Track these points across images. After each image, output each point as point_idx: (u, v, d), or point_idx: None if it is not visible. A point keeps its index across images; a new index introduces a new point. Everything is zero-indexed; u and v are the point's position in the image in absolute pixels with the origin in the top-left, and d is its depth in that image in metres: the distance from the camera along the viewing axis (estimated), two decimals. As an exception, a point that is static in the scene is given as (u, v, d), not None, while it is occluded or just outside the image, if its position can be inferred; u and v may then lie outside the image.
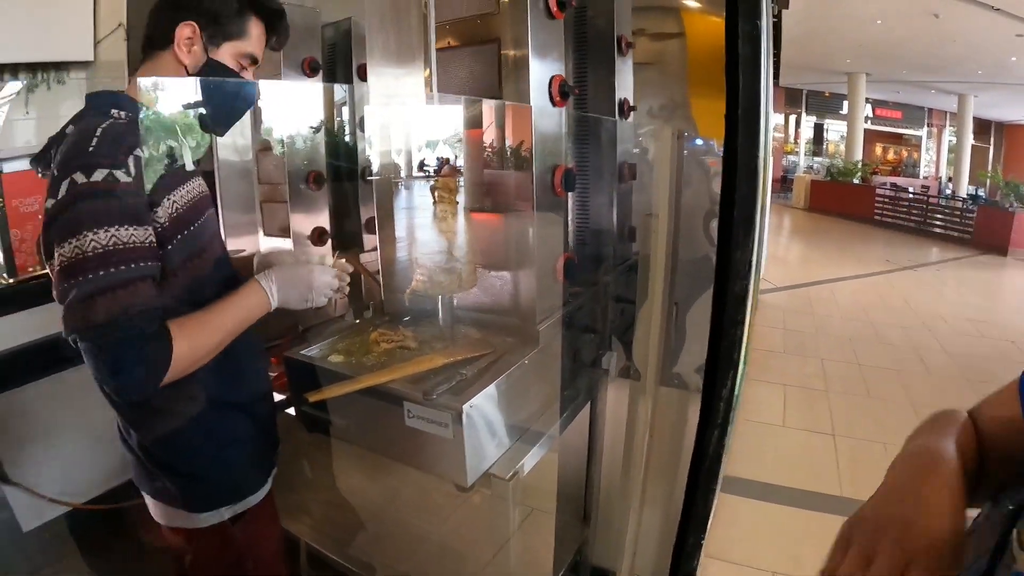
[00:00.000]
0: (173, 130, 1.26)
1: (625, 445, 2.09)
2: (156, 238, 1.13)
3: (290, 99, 2.47)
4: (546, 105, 1.59)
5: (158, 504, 1.38)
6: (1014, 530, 0.72)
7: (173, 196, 1.20)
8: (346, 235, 2.53)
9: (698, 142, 2.02)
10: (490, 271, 1.69)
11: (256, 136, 2.37)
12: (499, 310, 1.70)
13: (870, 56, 14.96)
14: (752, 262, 1.46)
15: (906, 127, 21.87)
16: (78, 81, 4.14)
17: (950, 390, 4.69)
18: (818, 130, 22.80)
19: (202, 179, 1.34)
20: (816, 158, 22.34)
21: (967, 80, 15.86)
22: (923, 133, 21.88)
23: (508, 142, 1.61)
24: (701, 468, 1.62)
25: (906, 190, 14.91)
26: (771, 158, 1.45)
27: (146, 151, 1.14)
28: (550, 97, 1.60)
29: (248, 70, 1.33)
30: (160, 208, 1.15)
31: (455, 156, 1.72)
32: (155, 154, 1.17)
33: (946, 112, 20.38)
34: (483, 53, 1.65)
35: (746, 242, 1.45)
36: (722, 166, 1.43)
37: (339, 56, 2.59)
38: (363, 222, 2.52)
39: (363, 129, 2.42)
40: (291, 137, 2.34)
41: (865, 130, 18.32)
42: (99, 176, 1.04)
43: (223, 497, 1.39)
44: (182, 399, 1.27)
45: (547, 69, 1.60)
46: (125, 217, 1.07)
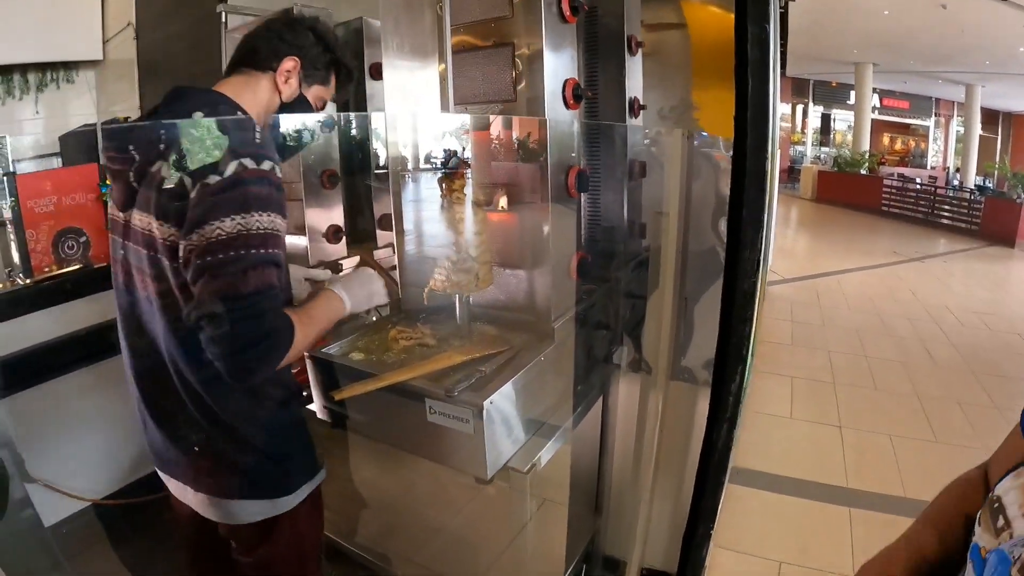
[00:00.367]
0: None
1: (636, 438, 2.12)
2: None
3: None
4: (560, 108, 1.63)
5: (235, 503, 1.38)
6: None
7: None
8: (360, 232, 2.57)
9: (705, 136, 2.06)
10: (506, 270, 1.73)
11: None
12: (515, 308, 1.75)
13: (877, 46, 14.87)
14: (760, 261, 1.49)
15: (913, 117, 21.72)
16: (87, 80, 4.18)
17: (956, 383, 4.70)
18: (825, 120, 22.67)
19: None
20: (823, 148, 22.23)
21: (975, 70, 15.74)
22: (930, 123, 21.73)
23: (525, 140, 1.64)
24: (710, 460, 1.66)
25: (913, 181, 14.81)
26: (779, 152, 1.48)
27: None
28: (564, 100, 1.63)
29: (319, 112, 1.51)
30: None
31: (464, 152, 1.74)
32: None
33: (954, 102, 20.22)
34: (497, 56, 1.69)
35: (754, 241, 1.49)
36: (731, 168, 1.47)
37: (351, 55, 2.61)
38: (377, 219, 2.56)
39: (377, 128, 2.46)
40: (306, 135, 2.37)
41: (872, 120, 18.21)
42: (267, 166, 1.16)
43: (304, 475, 1.44)
44: (274, 383, 1.37)
45: (561, 72, 1.63)
46: (280, 208, 1.18)
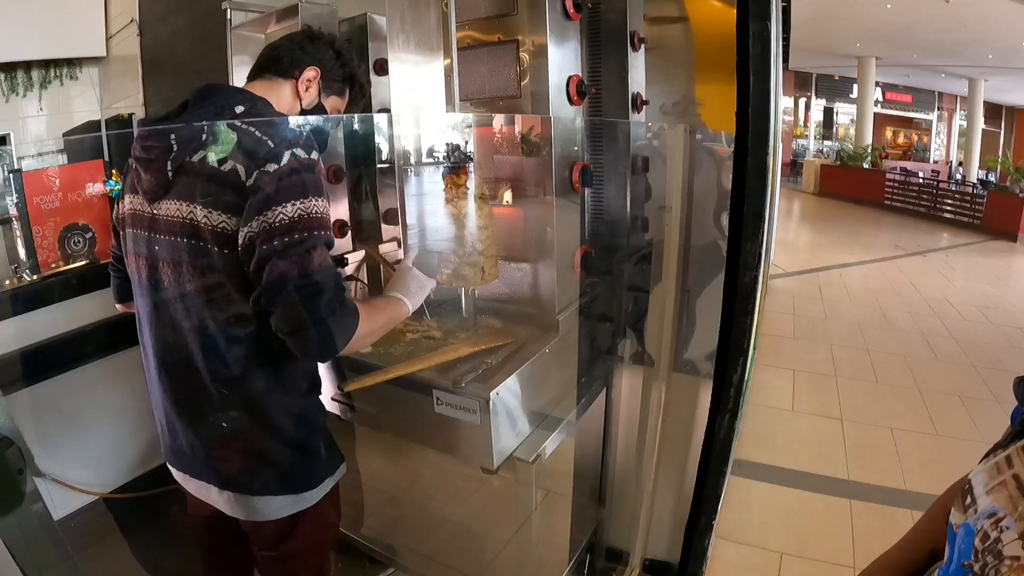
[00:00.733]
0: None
1: (639, 429, 2.15)
2: None
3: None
4: (564, 104, 1.65)
5: (262, 499, 1.39)
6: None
7: None
8: (364, 227, 2.58)
9: (707, 131, 2.07)
10: (511, 263, 1.75)
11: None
12: (519, 301, 1.77)
13: (880, 40, 14.83)
14: (761, 254, 1.51)
15: (916, 111, 21.68)
16: (91, 77, 4.20)
17: (957, 376, 4.71)
18: (828, 114, 22.64)
19: None
20: (826, 142, 22.22)
21: (978, 64, 15.70)
22: (933, 117, 21.69)
23: (529, 134, 1.66)
24: (712, 452, 1.68)
25: (916, 175, 14.80)
26: (781, 146, 1.49)
27: None
28: (568, 97, 1.65)
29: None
30: None
31: (467, 146, 1.76)
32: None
33: (956, 96, 20.18)
34: (502, 52, 1.70)
35: (756, 235, 1.51)
36: (733, 163, 1.49)
37: (355, 51, 2.62)
38: (382, 214, 2.57)
39: (381, 123, 2.47)
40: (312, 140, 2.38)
41: (875, 114, 18.17)
42: (315, 156, 1.22)
43: (328, 469, 1.47)
44: (305, 375, 1.41)
45: (564, 69, 1.65)
46: (326, 195, 1.24)
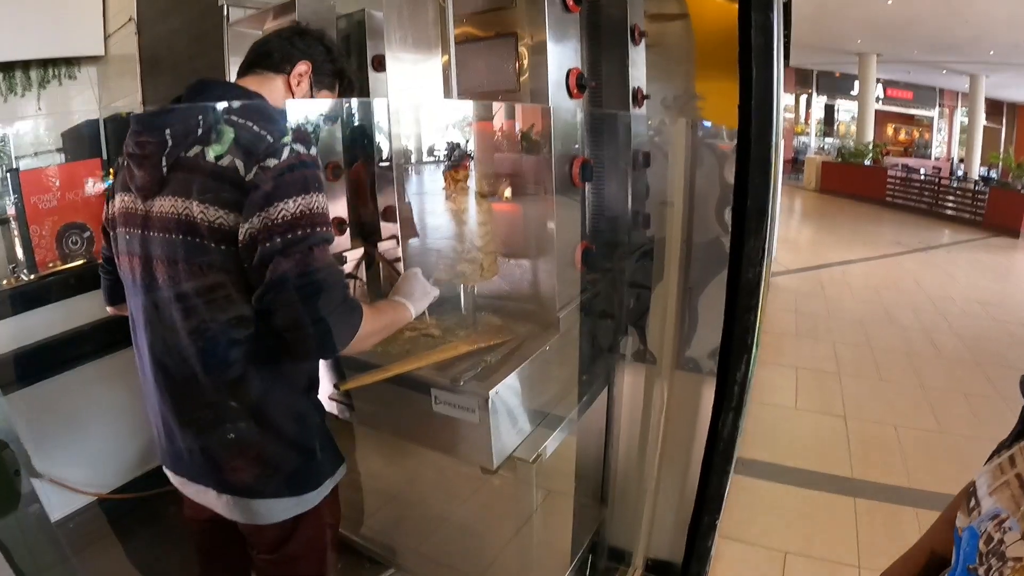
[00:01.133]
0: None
1: (641, 428, 2.12)
2: None
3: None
4: (563, 98, 1.62)
5: (263, 503, 1.38)
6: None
7: None
8: (363, 224, 2.56)
9: (707, 126, 2.05)
10: (510, 260, 1.73)
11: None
12: (519, 298, 1.74)
13: (881, 36, 14.80)
14: (765, 249, 1.49)
15: (917, 107, 21.68)
16: (89, 76, 4.17)
17: (961, 373, 4.70)
18: (829, 110, 22.63)
19: None
20: (827, 139, 22.21)
21: (979, 60, 15.68)
22: (934, 114, 21.69)
23: (529, 131, 1.64)
24: (716, 450, 1.67)
25: (918, 171, 14.77)
26: (782, 142, 1.48)
27: None
28: (567, 90, 1.62)
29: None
30: None
31: (468, 144, 1.74)
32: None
33: (957, 92, 20.18)
34: (500, 46, 1.68)
35: (759, 230, 1.49)
36: (736, 156, 1.47)
37: (353, 47, 2.60)
38: (381, 211, 2.54)
39: (379, 119, 2.44)
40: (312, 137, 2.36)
41: (876, 111, 18.14)
42: (314, 152, 1.22)
43: (329, 470, 1.45)
44: (305, 375, 1.40)
45: (564, 62, 1.62)
46: (324, 190, 1.22)
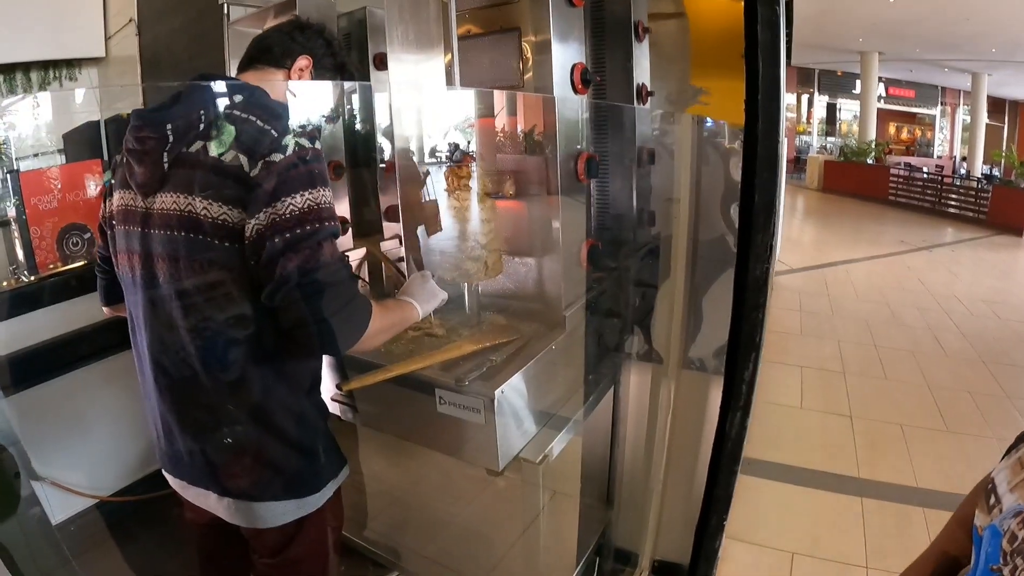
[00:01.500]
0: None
1: (647, 428, 2.10)
2: None
3: (311, 91, 2.48)
4: (568, 93, 1.60)
5: (264, 505, 1.36)
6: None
7: None
8: (365, 224, 2.54)
9: (709, 124, 2.03)
10: (515, 258, 1.71)
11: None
12: (524, 296, 1.72)
13: (883, 35, 14.77)
14: (773, 246, 1.47)
15: (919, 106, 21.64)
16: (89, 77, 4.17)
17: (966, 372, 4.68)
18: (831, 110, 22.58)
19: None
20: (829, 138, 22.17)
21: (981, 58, 15.65)
22: (936, 112, 21.64)
23: (532, 130, 1.62)
24: (723, 450, 1.64)
25: (920, 170, 14.75)
26: (785, 140, 1.46)
27: None
28: (572, 85, 1.60)
29: None
30: None
31: (470, 143, 1.72)
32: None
33: (959, 91, 20.13)
34: (504, 41, 1.66)
35: (767, 227, 1.47)
36: (743, 152, 1.45)
37: (354, 46, 2.59)
38: (383, 211, 2.53)
39: (382, 118, 2.43)
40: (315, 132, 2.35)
41: (878, 109, 18.12)
42: (318, 145, 1.21)
43: (331, 472, 1.44)
44: (308, 376, 1.38)
45: (568, 57, 1.61)
46: (329, 184, 1.21)
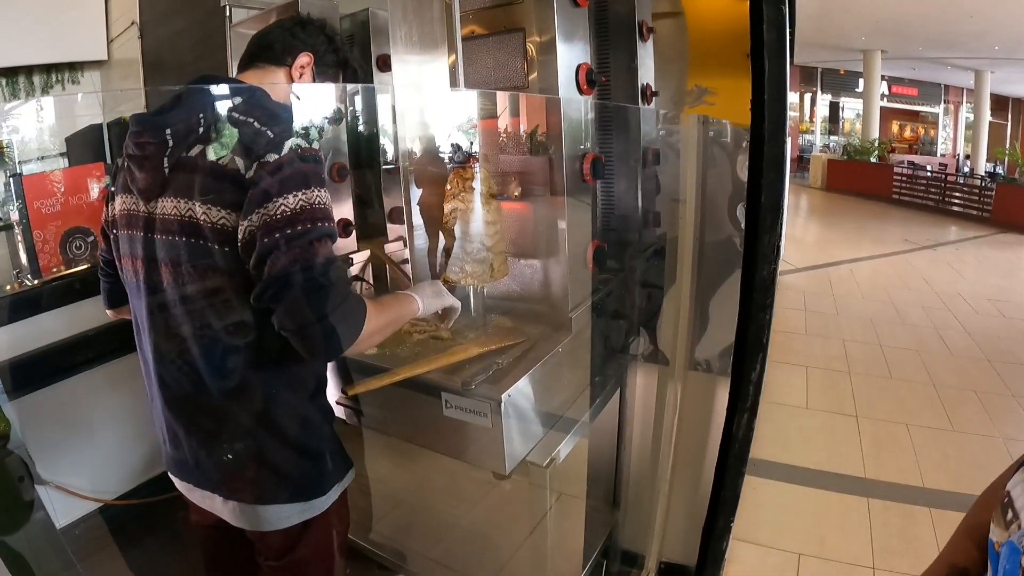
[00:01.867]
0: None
1: (654, 429, 2.10)
2: None
3: (312, 92, 2.47)
4: (573, 94, 1.59)
5: (269, 509, 1.35)
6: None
7: None
8: (370, 226, 2.53)
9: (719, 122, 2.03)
10: (520, 260, 1.70)
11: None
12: (530, 298, 1.71)
13: (885, 33, 14.74)
14: (780, 247, 1.46)
15: (922, 104, 21.60)
16: (92, 80, 4.18)
17: (971, 371, 4.67)
18: (834, 108, 22.54)
19: None
20: (832, 137, 22.14)
21: (984, 56, 15.61)
22: (940, 110, 21.61)
23: (537, 131, 1.61)
24: (730, 451, 1.64)
25: (924, 168, 14.72)
26: (788, 139, 1.46)
27: None
28: (577, 86, 1.60)
29: None
30: None
31: (472, 144, 1.71)
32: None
33: (963, 89, 20.11)
34: (508, 42, 1.65)
35: (774, 227, 1.46)
36: (749, 153, 1.44)
37: (357, 47, 2.58)
38: (387, 213, 2.52)
39: (385, 119, 2.42)
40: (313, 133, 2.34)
41: (881, 108, 18.08)
42: (316, 145, 1.20)
43: (337, 475, 1.43)
44: (313, 377, 1.37)
45: (573, 57, 1.60)
46: (326, 185, 1.20)
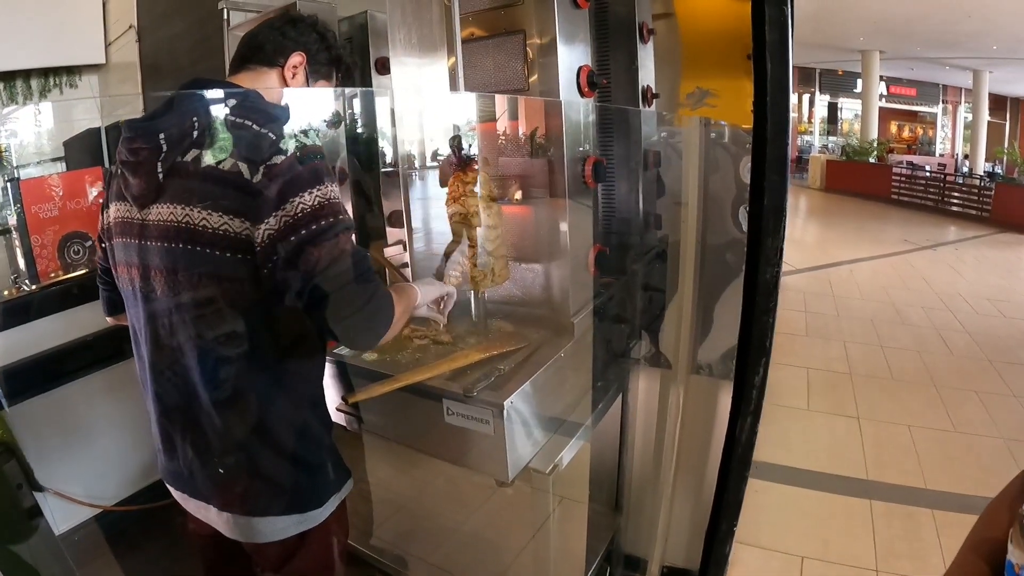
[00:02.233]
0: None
1: (656, 434, 2.09)
2: None
3: (310, 95, 2.46)
4: (574, 96, 1.58)
5: (265, 520, 1.34)
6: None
7: None
8: (369, 229, 2.52)
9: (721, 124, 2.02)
10: (522, 264, 1.68)
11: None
12: (532, 303, 1.70)
13: (884, 33, 14.76)
14: (783, 250, 1.45)
15: (921, 104, 21.62)
16: (90, 84, 4.17)
17: (972, 371, 4.66)
18: (832, 109, 22.57)
19: None
20: (831, 137, 22.16)
21: (982, 56, 15.62)
22: (938, 110, 21.63)
23: (538, 134, 1.60)
24: (733, 455, 1.63)
25: (923, 168, 14.73)
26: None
27: None
28: (578, 88, 1.58)
29: None
30: None
31: (471, 146, 1.70)
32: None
33: (961, 88, 20.13)
34: (508, 44, 1.64)
35: (776, 229, 1.45)
36: (752, 155, 1.43)
37: (356, 50, 2.58)
38: (386, 216, 2.51)
39: (383, 126, 2.41)
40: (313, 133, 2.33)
41: (879, 108, 18.11)
42: (318, 142, 1.20)
43: (334, 486, 1.41)
44: (311, 386, 1.36)
45: (574, 59, 1.59)
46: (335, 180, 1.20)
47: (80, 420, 2.47)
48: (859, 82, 18.33)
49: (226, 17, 2.61)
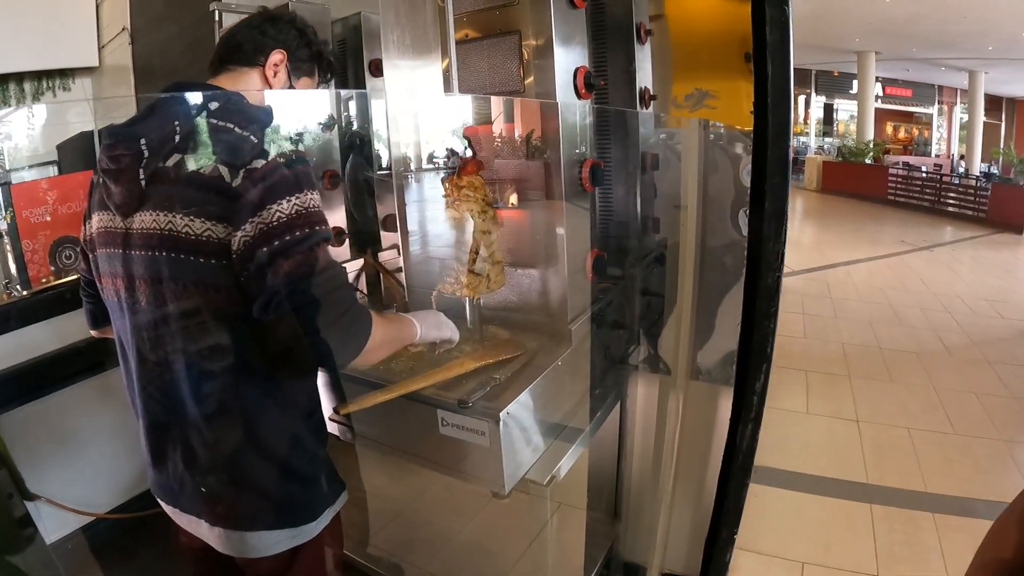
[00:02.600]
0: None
1: (655, 440, 2.06)
2: None
3: (303, 98, 2.44)
4: (571, 98, 1.55)
5: (256, 535, 1.31)
6: None
7: None
8: (363, 234, 2.50)
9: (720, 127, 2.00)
10: (518, 269, 1.65)
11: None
12: (528, 309, 1.67)
13: (879, 34, 14.81)
14: (784, 254, 1.43)
15: (916, 105, 21.70)
16: (83, 87, 4.15)
17: (971, 372, 4.66)
18: (828, 110, 22.65)
19: None
20: (827, 138, 22.23)
21: (978, 56, 15.69)
22: (934, 111, 21.72)
23: (534, 137, 1.57)
24: (734, 462, 1.61)
25: (919, 169, 14.77)
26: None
27: None
28: (575, 90, 1.56)
29: None
30: None
31: (466, 150, 1.68)
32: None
33: (956, 89, 20.22)
34: (503, 45, 1.61)
35: (778, 234, 1.43)
36: (753, 157, 1.41)
37: (349, 52, 2.56)
38: (380, 220, 2.49)
39: (379, 128, 2.39)
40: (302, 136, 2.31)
41: (875, 109, 18.17)
42: (301, 148, 1.24)
43: (328, 499, 1.39)
44: (304, 397, 1.34)
45: (571, 61, 1.56)
46: (317, 187, 1.17)
47: (72, 428, 2.45)
48: (855, 83, 18.38)
49: (218, 19, 2.59)
